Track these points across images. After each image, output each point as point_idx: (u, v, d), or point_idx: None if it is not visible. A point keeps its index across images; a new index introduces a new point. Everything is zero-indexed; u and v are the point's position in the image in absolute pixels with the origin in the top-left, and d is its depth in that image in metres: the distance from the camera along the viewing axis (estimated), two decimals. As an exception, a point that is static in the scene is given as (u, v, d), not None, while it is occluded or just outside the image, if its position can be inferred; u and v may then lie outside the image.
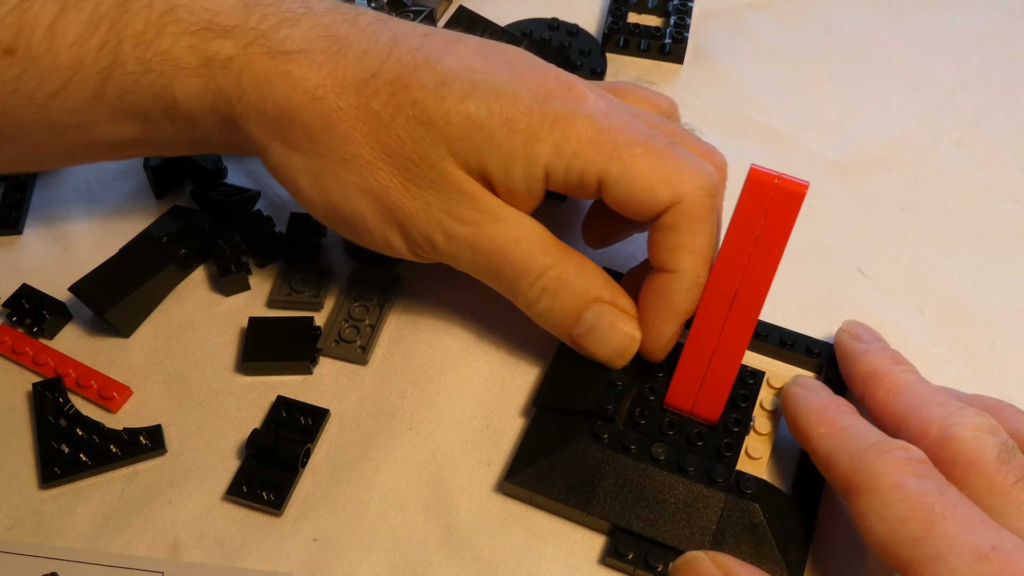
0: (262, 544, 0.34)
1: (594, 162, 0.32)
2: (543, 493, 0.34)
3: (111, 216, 0.45)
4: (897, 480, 0.28)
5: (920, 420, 0.31)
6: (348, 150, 0.33)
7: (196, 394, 0.38)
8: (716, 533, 0.32)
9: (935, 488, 0.27)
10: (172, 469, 0.36)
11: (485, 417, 0.37)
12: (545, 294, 0.35)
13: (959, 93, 0.52)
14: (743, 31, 0.55)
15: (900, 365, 0.34)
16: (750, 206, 0.32)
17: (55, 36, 0.32)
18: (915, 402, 0.32)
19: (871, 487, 0.28)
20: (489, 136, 0.32)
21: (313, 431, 0.36)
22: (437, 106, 0.32)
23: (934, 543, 0.26)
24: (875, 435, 0.30)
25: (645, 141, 0.33)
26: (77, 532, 0.34)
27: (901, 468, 0.28)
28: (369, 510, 0.35)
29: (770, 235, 0.32)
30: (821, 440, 0.31)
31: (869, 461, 0.29)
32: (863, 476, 0.29)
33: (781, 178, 0.31)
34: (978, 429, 0.30)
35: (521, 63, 0.34)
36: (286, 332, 0.39)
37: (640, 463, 0.33)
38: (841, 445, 0.30)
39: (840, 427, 0.31)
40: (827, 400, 0.33)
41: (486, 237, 0.34)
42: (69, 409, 0.37)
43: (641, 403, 0.36)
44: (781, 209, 0.31)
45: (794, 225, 0.31)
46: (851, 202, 0.46)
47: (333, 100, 0.33)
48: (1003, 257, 0.44)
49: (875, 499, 0.28)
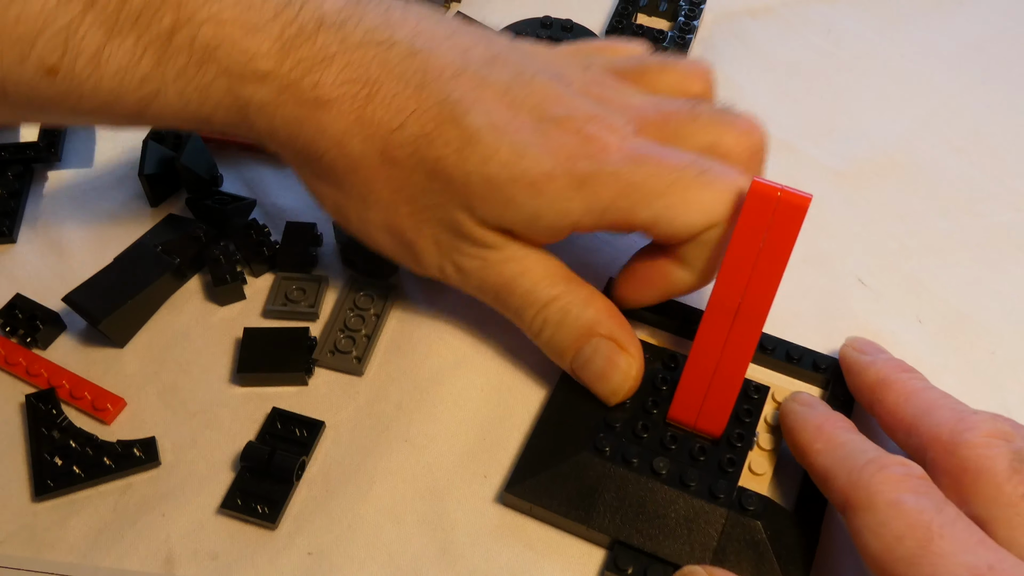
0: (256, 558, 0.34)
1: (624, 211, 0.33)
2: (543, 505, 0.34)
3: (106, 224, 0.44)
4: (894, 497, 0.27)
5: (931, 425, 0.31)
6: (369, 191, 0.35)
7: (191, 405, 0.38)
8: (717, 549, 0.32)
9: (932, 506, 0.27)
10: (166, 482, 0.36)
11: (482, 429, 0.37)
12: (547, 325, 0.35)
13: (960, 100, 0.52)
14: (742, 37, 0.55)
15: (909, 372, 0.34)
16: (752, 219, 0.31)
17: (100, 63, 0.32)
18: (925, 407, 0.32)
19: (868, 504, 0.28)
20: (510, 198, 0.33)
21: (308, 443, 0.36)
22: (459, 166, 0.33)
23: (929, 563, 0.26)
24: (873, 450, 0.30)
25: (675, 180, 0.33)
26: (70, 546, 0.34)
27: (898, 484, 0.28)
28: (364, 523, 0.34)
29: (773, 248, 0.31)
30: (819, 456, 0.31)
31: (866, 477, 0.28)
32: (860, 492, 0.28)
33: (784, 191, 0.31)
34: (991, 435, 0.29)
35: (547, 112, 0.34)
36: (281, 343, 0.38)
37: (642, 477, 0.33)
38: (839, 461, 0.30)
39: (838, 442, 0.31)
40: (825, 416, 0.33)
41: (494, 271, 0.35)
42: (62, 421, 0.37)
43: (644, 416, 0.35)
44: (784, 222, 0.31)
45: (797, 238, 0.31)
46: (850, 210, 0.46)
47: (358, 147, 0.33)
48: (1004, 266, 0.44)
49: (871, 516, 0.28)
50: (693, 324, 0.36)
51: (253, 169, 0.47)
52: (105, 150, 0.48)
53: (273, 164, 0.47)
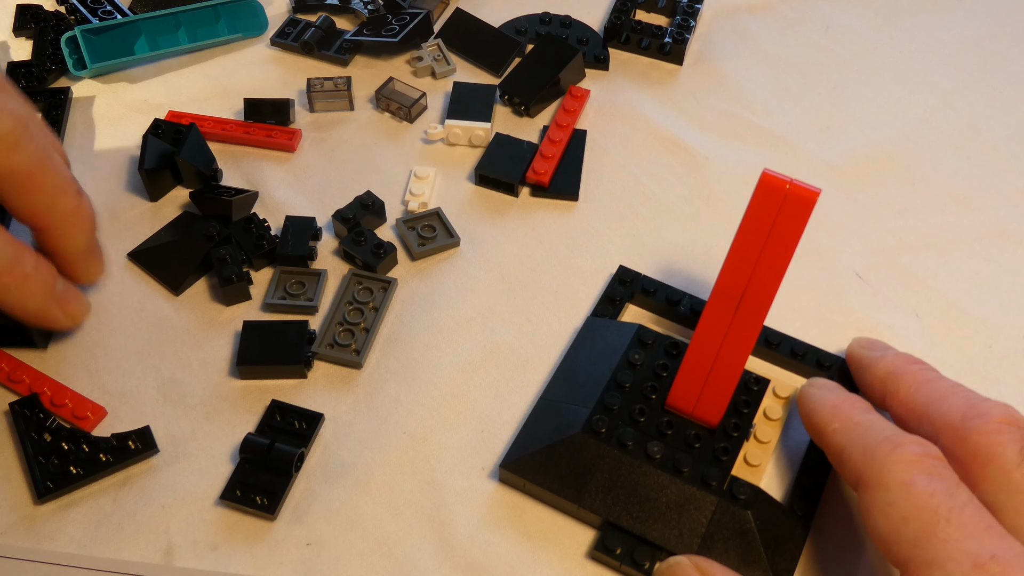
0: (255, 549, 0.34)
1: None
2: (536, 482, 0.34)
3: (105, 219, 0.44)
4: (906, 478, 0.27)
5: (942, 412, 0.31)
6: None
7: (190, 398, 0.38)
8: (705, 536, 0.32)
9: (943, 489, 0.27)
10: (165, 473, 0.36)
11: (479, 422, 0.37)
12: None
13: (957, 96, 0.52)
14: (741, 33, 0.55)
15: (919, 364, 0.35)
16: (760, 211, 0.31)
17: None
18: (937, 396, 0.32)
19: (879, 482, 0.28)
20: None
21: (307, 435, 0.36)
22: None
23: (933, 547, 0.26)
24: (889, 429, 0.30)
25: None
26: (70, 537, 0.34)
27: (912, 465, 0.28)
28: (363, 515, 0.35)
29: (779, 240, 0.32)
30: (835, 435, 0.31)
31: (881, 455, 0.28)
32: (873, 470, 0.28)
33: (792, 184, 0.31)
34: (1002, 422, 0.29)
35: None
36: (281, 336, 0.39)
37: (635, 460, 0.33)
38: (855, 439, 0.30)
39: (854, 422, 0.31)
40: (842, 397, 0.33)
41: None
42: (52, 423, 0.36)
43: (642, 401, 0.36)
44: (791, 215, 0.31)
45: (804, 231, 0.31)
46: (848, 205, 0.46)
47: None
48: (1000, 261, 0.44)
49: (882, 495, 0.28)
50: (697, 314, 0.36)
51: (252, 164, 0.47)
52: (105, 145, 0.48)
53: (272, 159, 0.47)
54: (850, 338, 0.38)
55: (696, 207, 0.46)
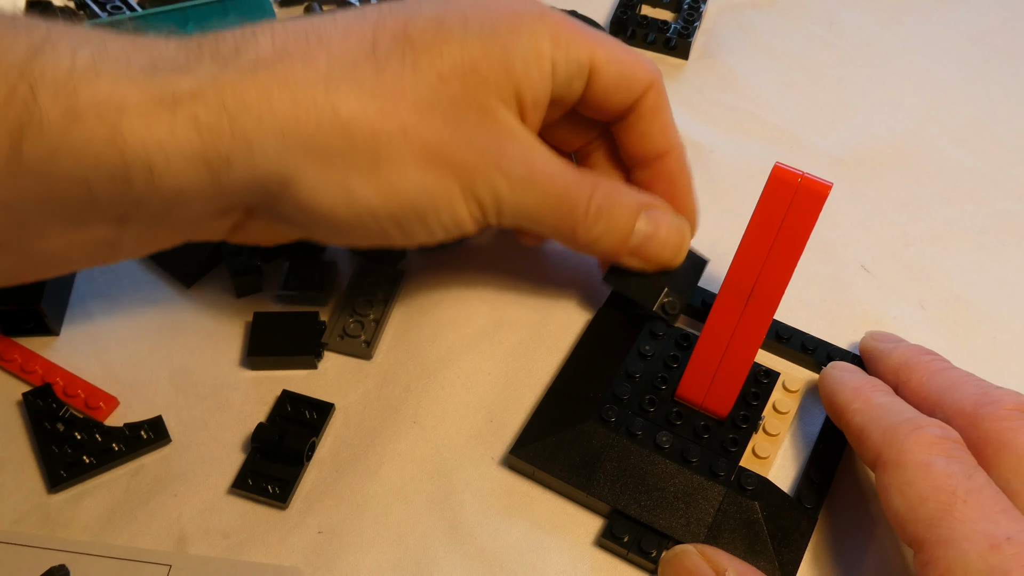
0: (267, 537, 0.34)
1: (584, 48, 0.33)
2: (546, 469, 0.34)
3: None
4: (925, 458, 0.28)
5: (955, 400, 0.31)
6: (389, 122, 0.30)
7: (201, 388, 0.38)
8: (712, 526, 0.32)
9: (961, 471, 0.27)
10: (178, 463, 0.36)
11: (489, 411, 0.38)
12: (600, 215, 0.35)
13: (961, 90, 0.52)
14: (746, 28, 0.55)
15: (931, 355, 0.35)
16: (772, 203, 0.32)
17: None
18: (949, 384, 0.32)
19: (898, 462, 0.28)
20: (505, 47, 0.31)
21: (318, 425, 0.37)
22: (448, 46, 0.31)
23: (949, 526, 0.26)
24: (909, 411, 0.30)
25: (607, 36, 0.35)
26: (83, 525, 0.34)
27: (931, 446, 0.28)
28: (374, 504, 0.35)
29: (790, 233, 0.32)
30: (855, 415, 0.32)
31: (900, 436, 0.29)
32: (892, 450, 0.29)
33: (804, 177, 0.31)
34: (1013, 409, 0.30)
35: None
36: (291, 327, 0.39)
37: (644, 449, 0.34)
38: (875, 420, 0.30)
39: (875, 403, 0.31)
40: (863, 379, 0.33)
41: (541, 172, 0.33)
42: (64, 413, 0.37)
43: (652, 391, 0.36)
44: (803, 208, 0.31)
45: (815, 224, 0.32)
46: (853, 199, 0.46)
47: (351, 80, 0.29)
48: (1005, 253, 0.44)
49: (900, 474, 0.28)
50: (708, 306, 0.37)
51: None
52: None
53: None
54: (856, 330, 0.38)
55: (702, 201, 0.46)
